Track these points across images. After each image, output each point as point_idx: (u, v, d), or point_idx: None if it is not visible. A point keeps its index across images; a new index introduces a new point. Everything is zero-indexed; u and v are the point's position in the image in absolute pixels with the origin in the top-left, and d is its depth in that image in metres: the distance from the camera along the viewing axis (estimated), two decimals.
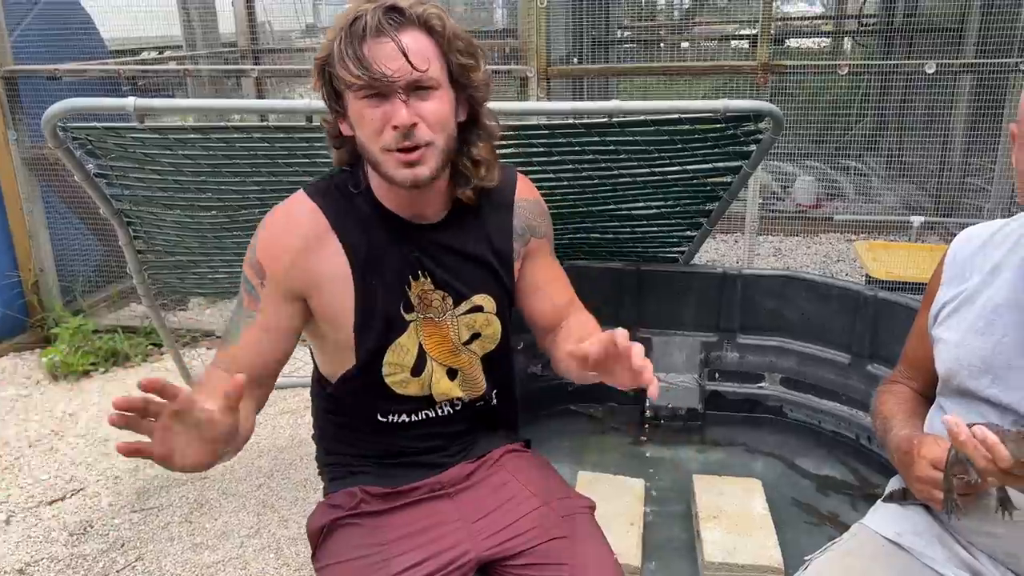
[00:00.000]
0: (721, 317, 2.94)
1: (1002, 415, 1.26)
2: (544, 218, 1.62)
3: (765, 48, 3.20)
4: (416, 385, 1.50)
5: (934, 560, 1.33)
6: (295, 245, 1.39)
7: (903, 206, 5.61)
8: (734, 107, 2.19)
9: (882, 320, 2.66)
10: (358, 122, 1.32)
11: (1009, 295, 1.30)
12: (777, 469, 2.70)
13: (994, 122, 4.40)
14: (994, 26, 4.44)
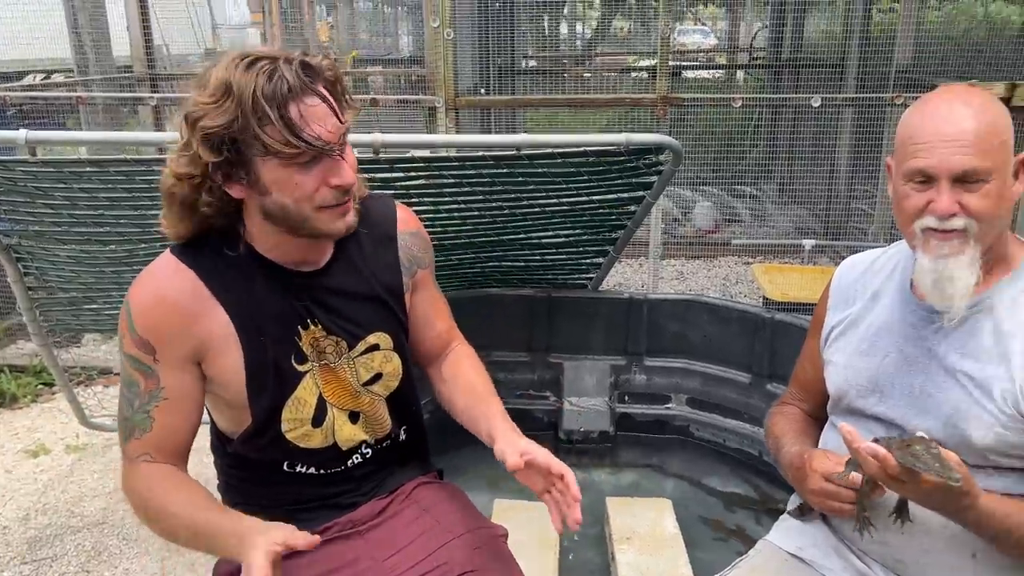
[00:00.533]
0: (629, 341, 3.02)
1: (888, 430, 1.36)
2: (427, 247, 1.62)
3: (664, 81, 3.33)
4: (319, 436, 1.46)
5: (832, 571, 1.41)
6: (174, 311, 1.32)
7: (795, 230, 5.91)
8: (636, 141, 2.27)
9: (779, 341, 2.79)
10: (282, 186, 1.25)
11: (888, 319, 1.40)
12: (685, 488, 2.78)
13: (875, 150, 4.70)
14: (871, 63, 4.77)
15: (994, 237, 1.26)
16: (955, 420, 1.27)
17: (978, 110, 1.22)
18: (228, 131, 1.20)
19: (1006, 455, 1.25)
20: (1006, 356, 1.24)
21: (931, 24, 5.12)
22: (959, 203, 1.22)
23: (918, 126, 1.26)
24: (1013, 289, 1.28)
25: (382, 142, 2.14)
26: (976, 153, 1.20)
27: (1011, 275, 1.29)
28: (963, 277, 1.24)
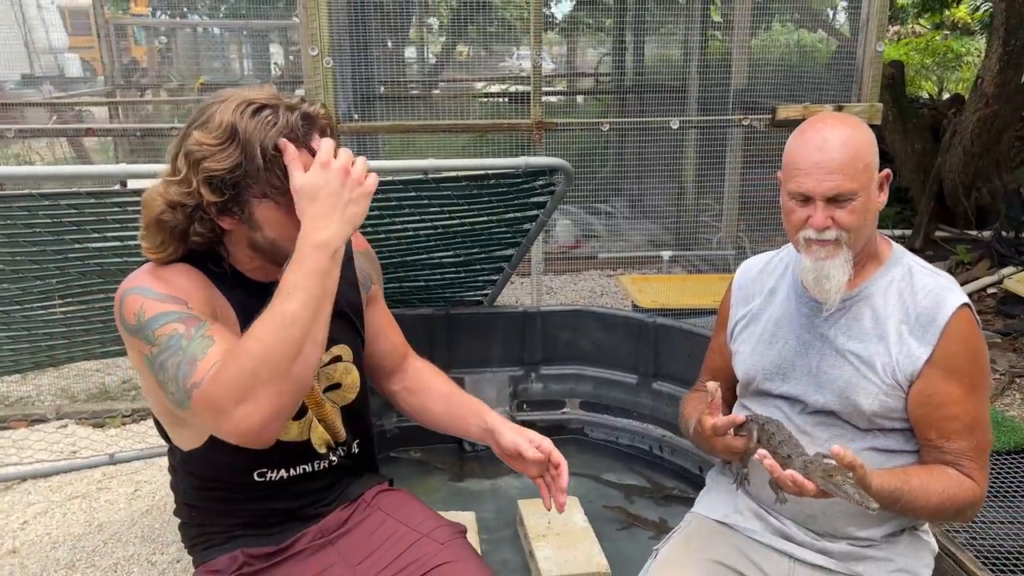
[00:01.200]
0: (525, 352, 3.19)
1: (792, 406, 1.60)
2: (376, 265, 1.75)
3: (538, 108, 3.56)
4: (296, 429, 1.53)
5: (755, 532, 1.63)
6: (197, 278, 1.38)
7: (648, 243, 6.34)
8: (534, 163, 2.46)
9: (662, 343, 3.05)
10: (273, 225, 1.34)
11: (785, 311, 1.65)
12: (588, 485, 2.98)
13: (718, 166, 5.16)
14: (711, 86, 5.25)
15: (863, 241, 1.52)
16: (847, 392, 1.52)
17: (846, 139, 1.46)
18: (231, 175, 1.28)
19: (888, 418, 1.51)
20: (884, 336, 1.51)
21: (754, 51, 5.70)
22: (832, 218, 1.47)
23: (798, 153, 1.51)
24: (885, 280, 1.55)
25: (129, 172, 2.14)
26: (843, 178, 1.45)
27: (882, 268, 1.57)
28: (836, 276, 1.49)
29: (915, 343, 1.48)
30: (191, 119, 1.33)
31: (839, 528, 1.55)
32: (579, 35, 10.59)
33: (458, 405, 1.67)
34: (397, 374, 1.77)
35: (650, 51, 7.32)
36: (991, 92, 5.49)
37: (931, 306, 1.48)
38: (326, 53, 3.53)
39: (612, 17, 8.34)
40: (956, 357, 1.46)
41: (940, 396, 1.46)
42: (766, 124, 3.74)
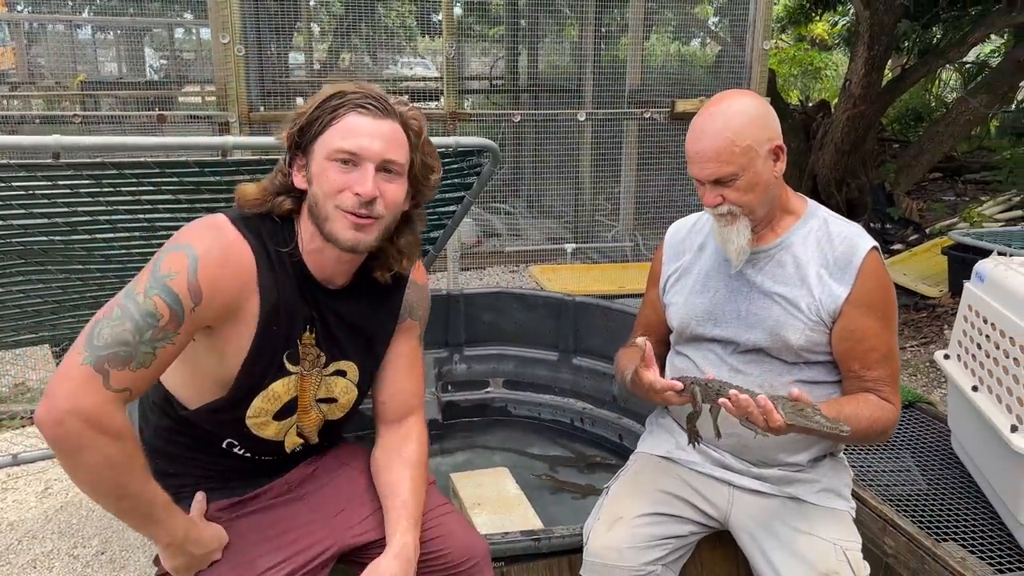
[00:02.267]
0: (449, 334, 3.27)
1: (724, 347, 1.76)
2: (425, 304, 1.72)
3: (452, 99, 3.65)
4: (274, 428, 1.54)
5: (697, 464, 1.78)
6: (235, 284, 1.40)
7: (548, 239, 6.54)
8: (464, 143, 2.54)
9: (581, 320, 3.20)
10: (320, 178, 1.42)
11: (715, 263, 1.81)
12: (514, 458, 3.08)
13: (615, 162, 5.40)
14: (606, 89, 5.49)
15: (762, 209, 1.68)
16: (776, 329, 1.69)
17: (721, 127, 1.61)
18: (305, 125, 1.44)
19: (813, 351, 1.69)
20: (805, 280, 1.69)
21: (646, 55, 6.02)
22: (721, 196, 1.64)
23: (688, 140, 1.67)
24: (803, 230, 1.74)
25: (62, 144, 2.01)
26: (719, 164, 1.60)
27: (800, 221, 1.75)
28: (735, 240, 1.67)
29: (835, 284, 1.66)
30: None
31: (770, 456, 1.72)
32: (468, 41, 10.77)
33: (391, 502, 1.60)
34: (389, 424, 1.69)
35: (544, 57, 7.56)
36: (858, 93, 6.00)
37: (847, 251, 1.68)
38: (237, 41, 3.50)
39: (504, 24, 8.54)
40: (871, 293, 1.65)
41: (861, 331, 1.65)
42: (666, 117, 3.96)
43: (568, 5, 7.04)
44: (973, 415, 2.43)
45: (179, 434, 1.56)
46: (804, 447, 1.72)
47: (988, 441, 2.31)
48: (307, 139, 1.43)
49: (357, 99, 1.42)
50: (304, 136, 1.44)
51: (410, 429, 1.69)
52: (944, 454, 2.80)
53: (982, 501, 2.47)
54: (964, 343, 2.56)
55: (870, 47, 5.70)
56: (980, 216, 6.33)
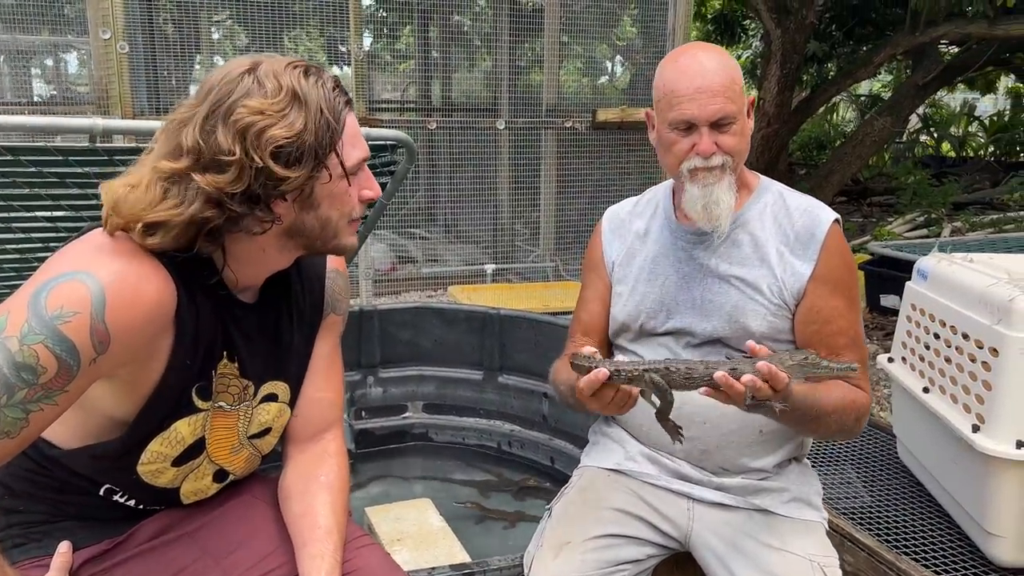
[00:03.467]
0: (362, 354, 2.98)
1: (678, 340, 1.55)
2: (346, 295, 1.46)
3: (362, 104, 3.40)
4: (169, 475, 1.24)
5: (651, 476, 1.55)
6: (151, 326, 1.09)
7: (466, 263, 6.31)
8: (373, 135, 2.29)
9: (507, 335, 2.97)
10: (334, 200, 1.16)
11: (661, 248, 1.60)
12: (436, 487, 2.81)
13: (533, 178, 5.23)
14: (521, 105, 5.34)
15: (740, 167, 1.53)
16: (736, 316, 1.49)
17: (721, 63, 1.46)
18: (297, 141, 1.07)
19: (775, 339, 1.49)
20: (765, 259, 1.50)
21: (562, 83, 5.95)
22: (716, 143, 1.46)
23: (677, 80, 1.47)
24: (758, 206, 1.55)
25: None
26: (726, 101, 1.43)
27: (754, 195, 1.57)
28: (725, 199, 1.47)
29: (797, 261, 1.48)
30: (217, 97, 1.07)
31: (733, 460, 1.51)
32: (377, 70, 10.57)
33: (308, 538, 1.29)
34: (304, 442, 1.38)
35: (457, 85, 7.41)
36: (772, 112, 6.05)
37: (808, 223, 1.50)
38: (120, 37, 3.17)
39: (415, 58, 8.39)
40: (837, 269, 1.48)
41: (827, 311, 1.47)
42: (587, 126, 3.82)
43: (480, 38, 6.94)
44: (925, 419, 2.30)
45: (42, 475, 1.23)
46: (771, 449, 1.52)
47: (944, 446, 2.18)
48: (307, 161, 1.09)
49: (340, 92, 1.15)
50: (304, 159, 1.09)
51: (327, 447, 1.39)
52: (890, 464, 2.68)
53: (936, 511, 2.34)
54: (910, 344, 2.44)
55: (782, 65, 5.76)
56: (891, 234, 6.46)
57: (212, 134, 1.06)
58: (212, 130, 1.06)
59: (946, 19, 5.77)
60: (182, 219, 1.06)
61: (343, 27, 6.07)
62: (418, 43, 8.15)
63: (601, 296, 1.68)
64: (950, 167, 11.47)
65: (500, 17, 6.13)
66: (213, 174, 1.05)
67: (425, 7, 6.85)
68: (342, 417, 1.44)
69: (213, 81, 1.10)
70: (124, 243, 1.09)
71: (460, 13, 7.05)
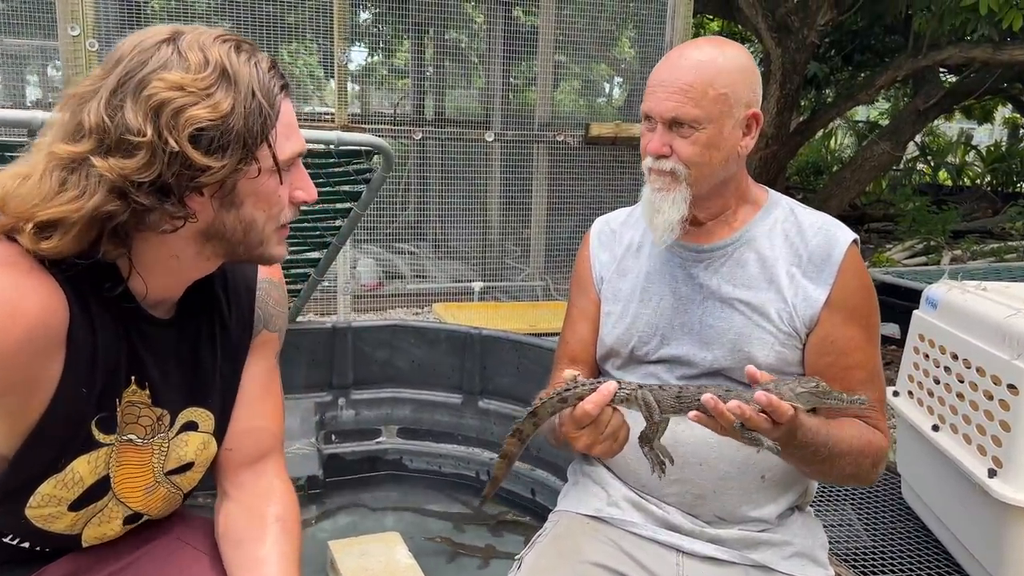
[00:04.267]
0: (334, 374, 2.80)
1: (671, 369, 1.37)
2: (283, 308, 1.28)
3: (343, 110, 3.25)
4: (67, 521, 1.06)
5: (635, 525, 1.37)
6: (33, 348, 0.91)
7: (452, 281, 6.14)
8: (347, 139, 2.13)
9: (489, 357, 2.79)
10: (260, 199, 0.99)
11: (656, 265, 1.44)
12: (408, 519, 2.62)
13: (524, 195, 5.08)
14: (513, 121, 5.20)
15: (709, 183, 1.34)
16: (739, 345, 1.32)
17: (705, 61, 1.29)
18: (223, 125, 0.90)
19: (784, 372, 1.33)
20: (773, 280, 1.34)
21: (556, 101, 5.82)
22: (670, 146, 1.30)
23: (656, 70, 1.34)
24: (767, 223, 1.39)
25: None
26: (685, 100, 1.27)
27: (762, 211, 1.41)
28: (666, 211, 1.32)
29: (811, 285, 1.32)
30: (127, 68, 0.90)
31: (731, 509, 1.34)
32: (372, 84, 10.45)
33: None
34: (240, 475, 1.20)
35: (451, 102, 7.29)
36: (771, 133, 5.92)
37: (823, 243, 1.34)
38: (89, 34, 3.01)
39: (409, 76, 8.27)
40: (855, 296, 1.32)
41: (843, 342, 1.30)
42: (579, 141, 3.67)
43: (476, 55, 6.81)
44: (933, 459, 2.13)
45: None
46: (773, 497, 1.35)
47: (955, 489, 2.01)
48: (232, 149, 0.92)
49: (276, 74, 0.98)
50: (227, 146, 0.92)
51: (270, 483, 1.21)
52: (893, 505, 2.51)
53: (943, 558, 2.16)
54: (917, 377, 2.27)
55: (782, 85, 5.64)
56: (890, 261, 6.32)
57: (119, 110, 0.89)
58: (120, 106, 0.89)
59: (949, 43, 5.67)
60: (82, 214, 0.89)
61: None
62: (412, 58, 8.04)
63: (588, 315, 1.51)
64: (947, 195, 11.41)
65: (495, 35, 6.01)
66: (118, 158, 0.88)
67: (420, 22, 6.74)
68: (282, 446, 1.26)
69: (124, 50, 0.92)
70: (13, 253, 0.91)
71: (456, 30, 6.94)
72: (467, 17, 6.75)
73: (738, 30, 9.08)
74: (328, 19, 4.01)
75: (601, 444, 1.19)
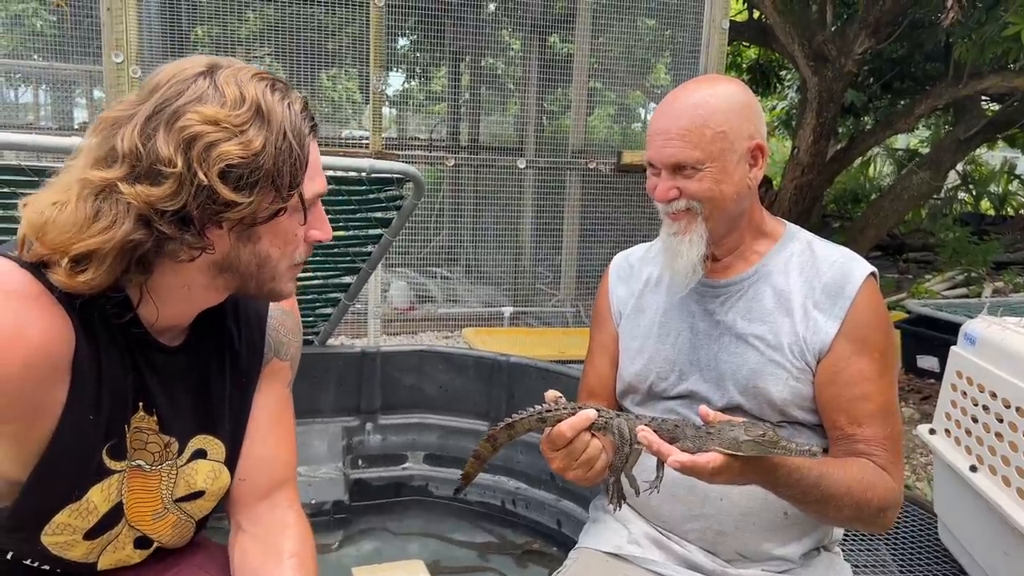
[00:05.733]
0: (362, 399, 2.81)
1: (690, 406, 1.36)
2: (295, 337, 1.28)
3: (378, 136, 3.29)
4: (82, 549, 1.07)
5: (655, 563, 1.35)
6: (34, 368, 0.92)
7: (483, 305, 6.16)
8: (380, 167, 2.16)
9: (516, 384, 2.78)
10: (279, 236, 1.00)
11: (673, 300, 1.43)
12: (433, 546, 2.61)
13: (556, 221, 5.09)
14: (546, 147, 5.22)
15: (727, 217, 1.34)
16: (754, 381, 1.30)
17: (696, 104, 1.29)
18: (253, 162, 0.92)
19: (800, 407, 1.31)
20: (788, 314, 1.32)
21: (589, 128, 5.84)
22: (678, 188, 1.31)
23: (654, 118, 1.35)
24: (783, 256, 1.38)
25: None
26: (684, 145, 1.28)
27: (778, 244, 1.40)
28: (685, 253, 1.32)
29: (822, 317, 1.30)
30: (164, 97, 0.93)
31: (753, 547, 1.31)
32: (409, 109, 10.58)
33: None
34: (258, 510, 1.20)
35: (486, 128, 7.35)
36: (806, 162, 5.86)
37: (838, 277, 1.32)
38: (133, 61, 3.09)
39: (446, 101, 8.36)
40: (867, 327, 1.29)
41: (850, 372, 1.28)
42: (611, 168, 3.67)
43: (513, 82, 6.87)
44: (971, 501, 2.06)
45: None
46: (797, 535, 1.32)
47: (995, 533, 1.94)
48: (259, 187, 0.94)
49: (307, 116, 1.00)
50: (255, 184, 0.93)
51: (284, 516, 1.21)
52: (930, 546, 2.43)
53: None
54: (954, 415, 2.21)
55: (819, 114, 5.59)
56: (929, 292, 6.19)
57: (152, 139, 0.90)
58: (152, 134, 0.90)
59: (991, 71, 5.58)
60: (113, 244, 0.90)
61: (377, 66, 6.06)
62: (449, 84, 8.13)
63: (607, 349, 1.50)
64: (989, 225, 11.16)
65: (530, 62, 6.07)
66: (145, 186, 0.90)
67: (457, 49, 6.82)
68: (295, 479, 1.25)
69: (161, 78, 0.94)
70: (19, 278, 0.93)
71: (493, 56, 7.02)
72: (504, 44, 6.82)
73: (776, 58, 9.04)
74: (365, 46, 4.08)
75: (575, 470, 1.19)
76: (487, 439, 1.29)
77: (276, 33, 5.32)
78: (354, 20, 4.59)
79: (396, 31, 7.59)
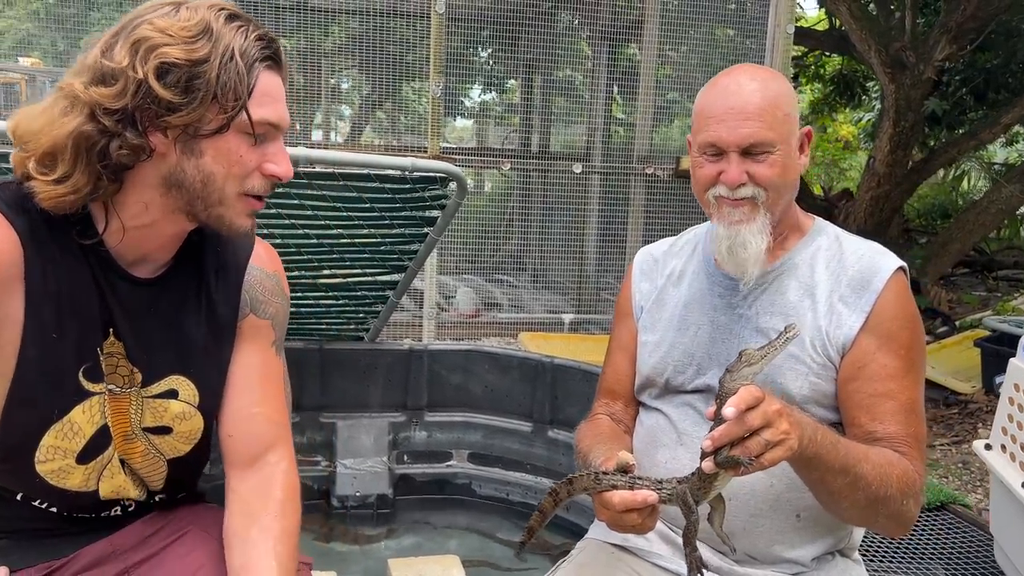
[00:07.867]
0: (409, 395, 2.87)
1: (706, 399, 1.34)
2: (276, 299, 1.30)
3: (436, 141, 3.36)
4: (79, 476, 1.14)
5: (661, 557, 1.34)
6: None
7: (547, 311, 6.17)
8: (422, 166, 2.21)
9: (560, 386, 2.79)
10: (222, 154, 1.05)
11: (695, 294, 1.42)
12: (472, 543, 2.63)
13: (621, 226, 5.06)
14: (613, 154, 5.22)
15: (784, 206, 1.33)
16: (773, 376, 1.28)
17: (763, 84, 1.28)
18: (194, 70, 1.00)
19: (820, 404, 1.28)
20: (812, 308, 1.29)
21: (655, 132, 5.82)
22: (747, 173, 1.28)
23: (710, 101, 1.32)
24: (809, 249, 1.35)
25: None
26: (761, 125, 1.26)
27: (806, 237, 1.37)
28: (754, 243, 1.28)
29: (846, 311, 1.27)
30: (130, 17, 1.03)
31: (763, 548, 1.29)
32: (487, 120, 10.69)
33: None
34: (243, 469, 1.23)
35: (556, 132, 7.39)
36: (882, 172, 5.66)
37: (864, 270, 1.29)
38: None
39: (519, 112, 8.44)
40: (893, 322, 1.25)
41: (874, 368, 1.24)
42: (670, 174, 3.64)
43: (588, 91, 6.90)
44: None
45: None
46: (809, 538, 1.29)
47: None
48: (200, 95, 1.00)
49: (264, 46, 1.05)
50: (195, 91, 1.00)
51: (271, 475, 1.23)
52: (986, 567, 2.32)
53: None
54: (1011, 430, 2.11)
55: (896, 123, 5.39)
56: (1016, 310, 5.88)
57: (111, 48, 1.01)
58: (112, 45, 1.01)
59: None
60: (64, 136, 0.99)
61: (456, 78, 6.18)
62: (521, 95, 8.20)
63: (625, 346, 1.50)
64: None
65: (598, 70, 6.08)
66: (99, 86, 0.99)
67: (530, 61, 6.89)
68: (288, 435, 1.28)
69: (137, 9, 1.04)
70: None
71: (568, 67, 7.07)
72: (576, 54, 6.85)
73: (861, 69, 8.78)
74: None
75: (621, 529, 1.18)
76: (549, 494, 1.28)
77: (360, 46, 5.49)
78: None
79: (476, 43, 7.72)
